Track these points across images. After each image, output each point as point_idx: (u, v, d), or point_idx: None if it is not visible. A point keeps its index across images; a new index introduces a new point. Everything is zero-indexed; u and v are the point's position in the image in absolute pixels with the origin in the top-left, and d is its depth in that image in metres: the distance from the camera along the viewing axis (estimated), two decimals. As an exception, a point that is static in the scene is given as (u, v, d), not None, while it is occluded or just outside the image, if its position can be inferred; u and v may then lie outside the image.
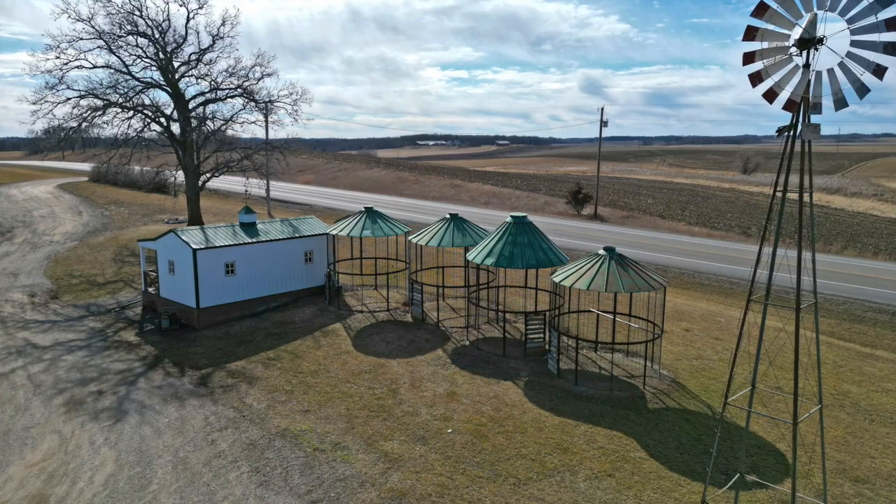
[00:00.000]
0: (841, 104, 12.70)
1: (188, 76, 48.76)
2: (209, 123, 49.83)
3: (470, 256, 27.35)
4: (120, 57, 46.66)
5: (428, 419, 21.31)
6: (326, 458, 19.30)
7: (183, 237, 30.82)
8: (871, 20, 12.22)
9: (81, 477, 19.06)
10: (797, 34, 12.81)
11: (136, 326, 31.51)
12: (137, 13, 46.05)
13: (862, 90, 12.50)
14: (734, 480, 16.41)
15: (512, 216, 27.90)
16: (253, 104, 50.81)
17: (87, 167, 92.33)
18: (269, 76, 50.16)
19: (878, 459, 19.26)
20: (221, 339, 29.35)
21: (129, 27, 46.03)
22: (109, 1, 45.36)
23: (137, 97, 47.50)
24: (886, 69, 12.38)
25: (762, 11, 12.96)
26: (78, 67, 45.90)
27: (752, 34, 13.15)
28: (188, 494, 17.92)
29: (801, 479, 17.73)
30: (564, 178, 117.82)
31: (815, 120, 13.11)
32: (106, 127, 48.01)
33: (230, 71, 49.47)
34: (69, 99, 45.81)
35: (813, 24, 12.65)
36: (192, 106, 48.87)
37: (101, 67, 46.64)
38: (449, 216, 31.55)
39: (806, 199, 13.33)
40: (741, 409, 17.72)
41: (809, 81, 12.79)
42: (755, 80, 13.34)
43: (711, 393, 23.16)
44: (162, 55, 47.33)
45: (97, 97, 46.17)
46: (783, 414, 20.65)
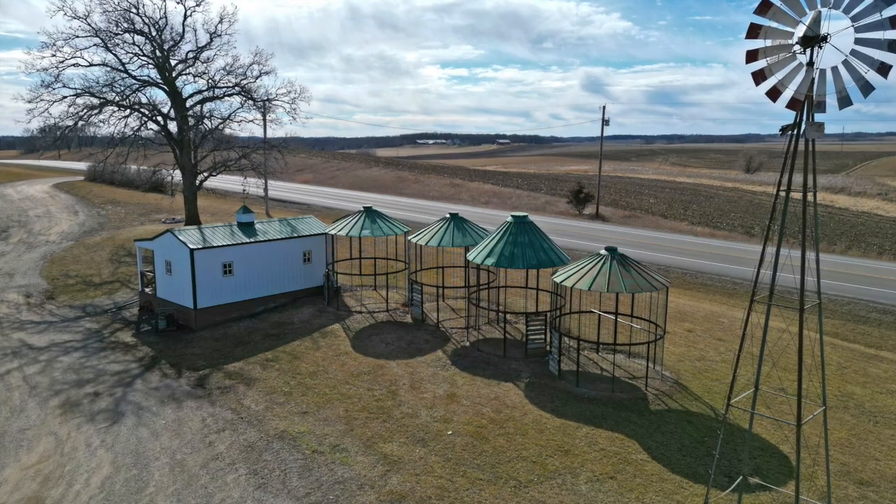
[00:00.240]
0: (845, 102, 12.64)
1: (185, 74, 48.52)
2: (206, 122, 49.62)
3: (470, 256, 27.19)
4: (116, 55, 46.45)
5: (428, 421, 21.14)
6: (325, 460, 19.14)
7: (180, 237, 30.64)
8: (875, 18, 12.19)
9: (77, 479, 18.89)
10: (801, 32, 12.78)
11: (132, 327, 31.33)
12: (134, 10, 45.83)
13: (866, 88, 12.43)
14: (737, 483, 16.28)
15: (513, 216, 27.74)
16: (251, 102, 50.59)
17: (83, 166, 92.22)
18: (267, 74, 50.00)
19: (882, 462, 19.09)
20: (219, 340, 29.17)
21: (125, 25, 45.81)
22: (106, -2, 45.17)
23: (134, 95, 47.27)
24: (891, 67, 12.33)
25: (765, 9, 12.91)
26: (74, 65, 45.62)
27: (755, 32, 13.11)
28: (185, 497, 17.77)
29: (804, 481, 17.57)
30: (566, 177, 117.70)
31: (818, 118, 13.12)
32: (102, 126, 47.88)
33: (228, 69, 49.26)
34: (65, 97, 45.59)
35: (817, 21, 12.62)
36: (189, 104, 48.62)
37: (97, 65, 46.44)
38: (449, 216, 31.40)
39: (810, 198, 13.26)
40: (744, 410, 17.57)
41: (813, 79, 12.74)
42: (758, 78, 13.28)
43: (714, 394, 23.00)
44: (159, 53, 47.08)
45: (93, 95, 45.92)
46: (787, 416, 20.50)
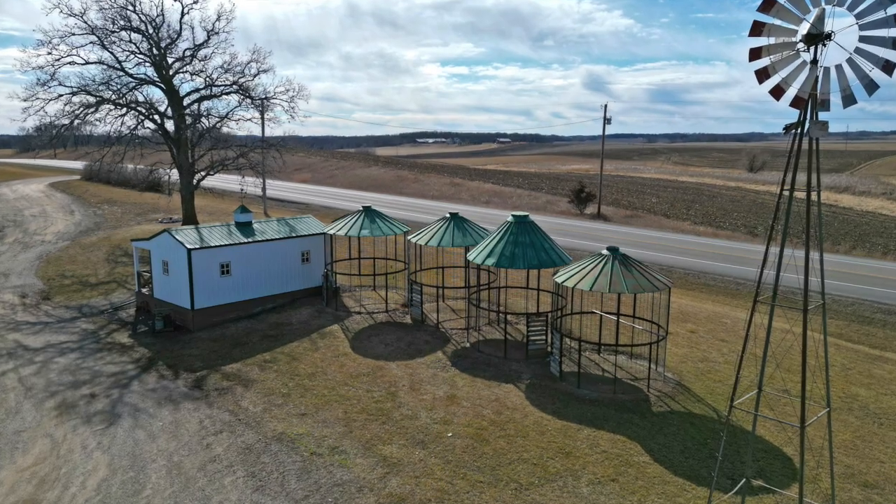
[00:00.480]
0: (849, 101, 12.50)
1: (182, 72, 48.34)
2: (204, 121, 49.50)
3: (470, 256, 27.02)
4: (113, 53, 46.26)
5: (427, 423, 20.97)
6: (324, 462, 18.98)
7: (177, 237, 30.45)
8: (880, 15, 12.08)
9: (73, 482, 18.74)
10: (805, 29, 12.68)
11: (129, 328, 31.13)
12: (130, 8, 45.65)
13: (871, 87, 12.30)
14: (740, 486, 16.13)
15: (513, 215, 27.57)
16: (249, 101, 50.43)
17: (79, 165, 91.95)
18: (265, 72, 50.02)
19: (887, 464, 18.93)
20: (216, 340, 28.99)
21: (122, 22, 45.63)
22: (102, -5, 44.94)
23: (131, 94, 47.07)
24: (896, 65, 12.13)
25: (769, 6, 12.80)
26: (70, 63, 45.47)
27: (758, 29, 12.99)
28: (183, 500, 17.63)
29: (808, 484, 17.44)
30: (567, 176, 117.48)
31: (822, 117, 12.95)
32: (98, 124, 47.68)
33: (225, 67, 49.09)
34: (61, 96, 45.40)
35: (821, 19, 12.52)
36: (186, 103, 48.40)
37: (93, 63, 46.22)
38: (449, 215, 31.24)
39: (814, 197, 13.11)
40: (747, 412, 17.39)
41: (817, 78, 12.62)
42: (762, 76, 13.17)
43: (717, 396, 22.85)
44: (156, 51, 46.87)
45: (90, 94, 45.72)
46: (790, 417, 20.35)
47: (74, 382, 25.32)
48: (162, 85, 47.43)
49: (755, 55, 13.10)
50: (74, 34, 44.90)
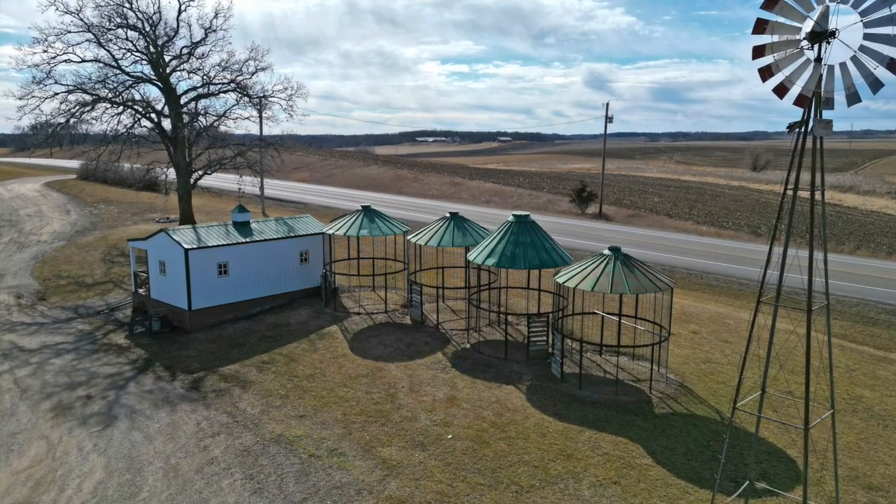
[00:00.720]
0: (854, 99, 12.40)
1: (180, 70, 48.07)
2: (201, 119, 49.21)
3: (471, 257, 26.86)
4: (109, 51, 45.97)
5: (427, 424, 20.80)
6: (322, 464, 18.83)
7: (174, 237, 30.26)
8: (884, 13, 12.07)
9: (69, 484, 18.60)
10: (808, 27, 12.67)
11: (125, 329, 30.98)
12: (127, 5, 45.33)
13: (875, 85, 12.21)
14: (743, 488, 16.03)
15: (514, 215, 27.41)
16: (246, 99, 50.13)
17: (75, 164, 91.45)
18: (263, 70, 49.57)
19: (892, 466, 18.80)
20: (214, 341, 28.82)
21: (118, 20, 45.32)
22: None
23: (127, 92, 46.78)
24: (901, 63, 12.03)
25: (773, 4, 12.77)
26: (66, 61, 45.12)
27: (762, 27, 12.96)
28: (180, 502, 17.52)
29: (812, 486, 17.27)
30: (568, 175, 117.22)
31: (827, 116, 12.91)
32: (95, 123, 47.37)
33: (223, 65, 48.79)
34: (57, 94, 45.12)
35: (825, 16, 12.50)
36: (183, 101, 48.12)
37: (89, 61, 45.93)
38: (449, 215, 31.09)
39: (818, 197, 13.01)
40: (751, 414, 17.24)
41: (821, 76, 12.60)
42: (765, 74, 13.17)
43: (720, 397, 22.69)
44: (152, 49, 46.60)
45: (86, 92, 45.43)
46: (794, 419, 20.16)
47: (70, 384, 25.15)
48: (159, 83, 47.16)
49: (759, 53, 13.07)
50: (70, 32, 44.64)
